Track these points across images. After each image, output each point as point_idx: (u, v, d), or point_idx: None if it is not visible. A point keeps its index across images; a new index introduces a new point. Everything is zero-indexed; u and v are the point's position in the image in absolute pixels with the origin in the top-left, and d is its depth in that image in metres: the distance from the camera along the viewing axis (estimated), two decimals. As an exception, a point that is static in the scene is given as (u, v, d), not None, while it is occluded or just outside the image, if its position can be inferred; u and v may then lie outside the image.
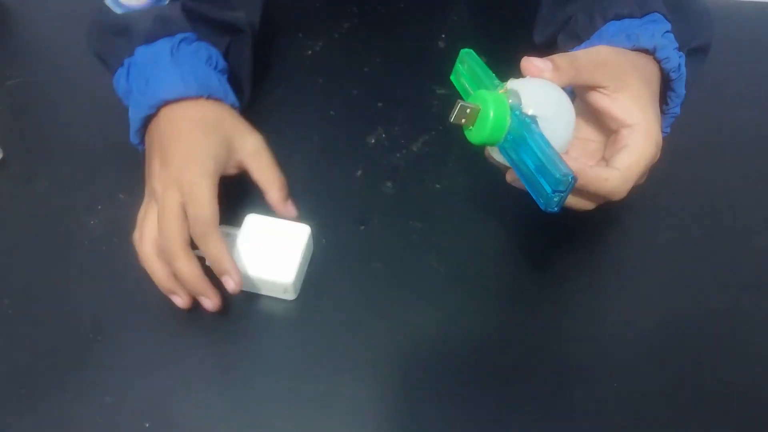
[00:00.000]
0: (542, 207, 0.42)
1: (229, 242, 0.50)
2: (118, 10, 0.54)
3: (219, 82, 0.53)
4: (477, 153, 0.59)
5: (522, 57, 0.43)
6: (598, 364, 0.49)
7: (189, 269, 0.47)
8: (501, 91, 0.43)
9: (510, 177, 0.46)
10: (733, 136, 0.62)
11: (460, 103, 0.42)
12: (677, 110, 0.51)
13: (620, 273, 0.54)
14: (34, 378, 0.48)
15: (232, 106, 0.54)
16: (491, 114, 0.42)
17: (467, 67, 0.45)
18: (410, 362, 0.49)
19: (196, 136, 0.50)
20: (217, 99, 0.53)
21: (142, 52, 0.52)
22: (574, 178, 0.40)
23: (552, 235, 0.55)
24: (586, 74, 0.44)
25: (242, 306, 0.51)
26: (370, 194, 0.57)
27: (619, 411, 0.47)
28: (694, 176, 0.59)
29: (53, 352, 0.49)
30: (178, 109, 0.51)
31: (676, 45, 0.49)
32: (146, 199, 0.51)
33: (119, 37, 0.53)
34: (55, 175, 0.58)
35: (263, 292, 0.51)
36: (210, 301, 0.49)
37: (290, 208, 0.54)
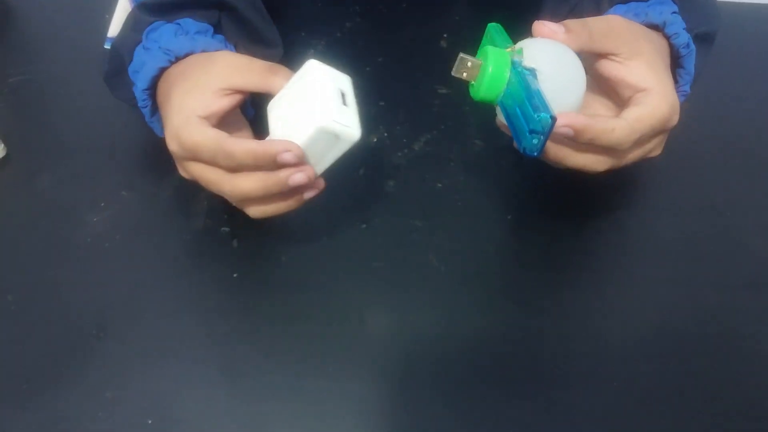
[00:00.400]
0: (521, 150, 0.42)
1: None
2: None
3: (183, 43, 0.50)
4: (479, 153, 0.60)
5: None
6: (599, 363, 0.49)
7: (246, 156, 0.44)
8: (508, 50, 0.43)
9: (499, 121, 0.46)
10: (734, 136, 0.62)
11: (461, 55, 0.42)
12: (687, 88, 0.51)
13: (621, 273, 0.54)
14: (36, 374, 0.48)
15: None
16: (490, 68, 0.42)
17: (489, 38, 0.46)
18: (411, 361, 0.49)
19: (168, 98, 0.48)
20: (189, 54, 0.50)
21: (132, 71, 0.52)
22: (554, 119, 0.40)
23: (553, 235, 0.55)
24: (599, 40, 0.44)
25: (244, 303, 0.51)
26: (371, 193, 0.57)
27: (619, 411, 0.48)
28: (694, 176, 0.59)
29: (56, 349, 0.49)
30: (158, 89, 0.51)
31: (684, 26, 0.49)
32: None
33: (124, 74, 0.53)
34: (58, 172, 0.58)
35: (332, 157, 0.46)
36: (301, 173, 0.44)
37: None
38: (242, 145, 0.44)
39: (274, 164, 0.44)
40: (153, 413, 0.46)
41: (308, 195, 0.47)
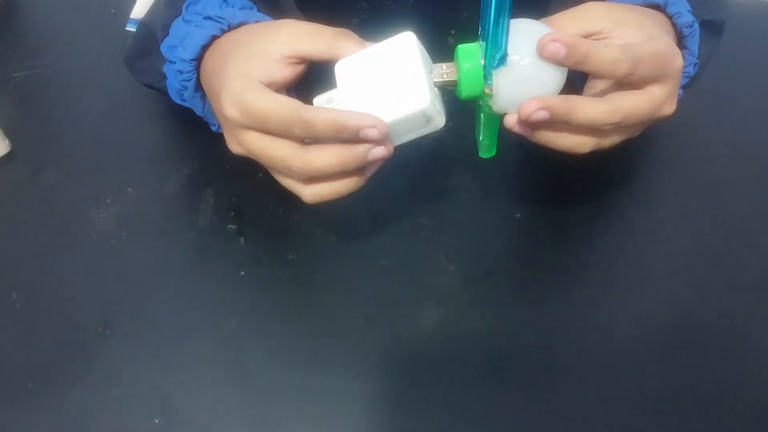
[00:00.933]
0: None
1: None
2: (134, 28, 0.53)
3: (234, 13, 0.48)
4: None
5: None
6: (608, 362, 0.49)
7: (323, 125, 0.40)
8: (480, 42, 0.43)
9: (507, 122, 0.44)
10: (745, 134, 0.62)
11: (434, 64, 0.43)
12: (691, 69, 0.49)
13: (630, 272, 0.54)
14: (42, 372, 0.48)
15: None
16: (465, 65, 0.42)
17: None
18: (418, 359, 0.49)
19: (223, 66, 0.45)
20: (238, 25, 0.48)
21: (168, 47, 0.49)
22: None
23: (562, 233, 0.55)
24: (579, 28, 0.42)
25: (251, 300, 0.51)
26: (380, 191, 0.57)
27: (627, 410, 0.47)
28: (703, 175, 0.59)
29: (61, 346, 0.49)
30: (205, 59, 0.48)
31: (689, 7, 0.47)
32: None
33: (151, 54, 0.51)
34: (63, 168, 0.57)
35: (406, 139, 0.44)
36: (382, 147, 0.42)
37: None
38: (324, 114, 0.41)
39: (354, 138, 0.41)
40: (159, 412, 0.46)
41: (369, 173, 0.45)
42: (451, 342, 0.50)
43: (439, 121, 0.44)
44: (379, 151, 0.42)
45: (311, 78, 0.47)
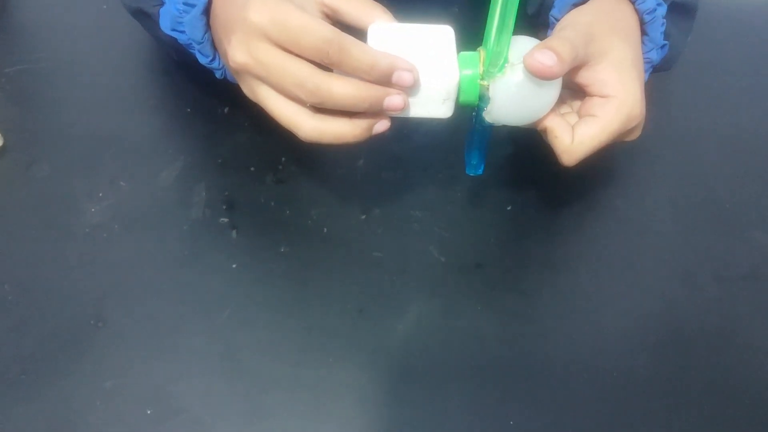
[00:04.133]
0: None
1: None
2: None
3: None
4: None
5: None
6: (597, 354, 0.50)
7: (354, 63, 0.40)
8: (479, 50, 0.44)
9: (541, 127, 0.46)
10: (733, 129, 0.62)
11: None
12: (654, 56, 0.49)
13: (620, 264, 0.54)
14: (35, 364, 0.48)
15: None
16: (463, 71, 0.43)
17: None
18: (410, 351, 0.49)
19: None
20: None
21: None
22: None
23: (552, 225, 0.55)
24: (582, 55, 0.43)
25: (243, 293, 0.51)
26: (371, 184, 0.57)
27: (618, 402, 0.48)
28: (693, 168, 0.59)
29: (54, 339, 0.49)
30: None
31: None
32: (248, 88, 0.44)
33: None
34: (56, 162, 0.57)
35: (416, 112, 0.45)
36: (399, 96, 0.41)
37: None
38: (363, 45, 0.40)
39: (385, 78, 0.41)
40: (152, 403, 0.46)
41: (378, 129, 0.44)
42: (442, 333, 0.50)
43: (450, 107, 0.45)
44: (396, 100, 0.42)
45: None
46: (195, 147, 0.58)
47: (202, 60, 0.49)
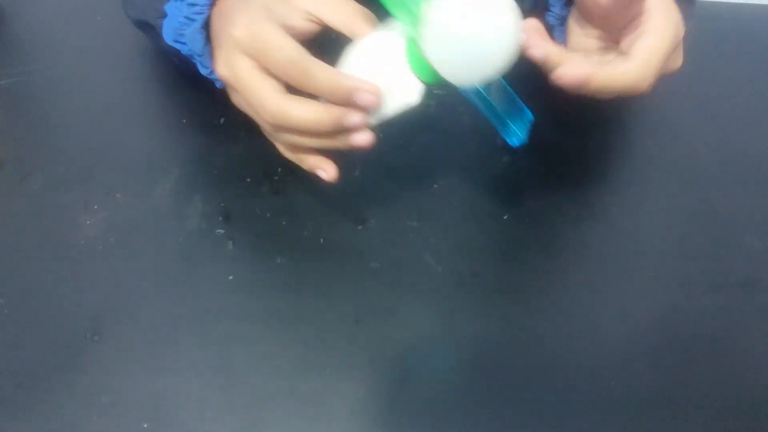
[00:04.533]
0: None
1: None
2: None
3: None
4: (474, 153, 0.60)
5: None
6: (595, 361, 0.49)
7: (322, 84, 0.41)
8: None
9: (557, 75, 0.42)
10: (729, 134, 0.62)
11: None
12: None
13: (616, 271, 0.54)
14: (30, 378, 0.47)
15: None
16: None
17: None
18: (407, 361, 0.49)
19: (238, 7, 0.44)
20: None
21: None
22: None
23: (548, 235, 0.55)
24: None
25: (240, 305, 0.51)
26: (367, 194, 0.57)
27: (615, 408, 0.48)
28: (688, 175, 0.60)
29: (50, 353, 0.48)
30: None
31: None
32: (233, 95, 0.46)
33: None
34: (51, 174, 0.57)
35: (391, 108, 0.45)
36: (358, 115, 0.42)
37: None
38: (325, 67, 0.41)
39: (346, 100, 0.42)
40: (149, 417, 0.46)
41: (358, 141, 0.44)
42: (439, 343, 0.50)
43: (418, 95, 0.45)
44: (355, 119, 0.42)
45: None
46: (190, 158, 0.58)
47: (203, 71, 0.50)
